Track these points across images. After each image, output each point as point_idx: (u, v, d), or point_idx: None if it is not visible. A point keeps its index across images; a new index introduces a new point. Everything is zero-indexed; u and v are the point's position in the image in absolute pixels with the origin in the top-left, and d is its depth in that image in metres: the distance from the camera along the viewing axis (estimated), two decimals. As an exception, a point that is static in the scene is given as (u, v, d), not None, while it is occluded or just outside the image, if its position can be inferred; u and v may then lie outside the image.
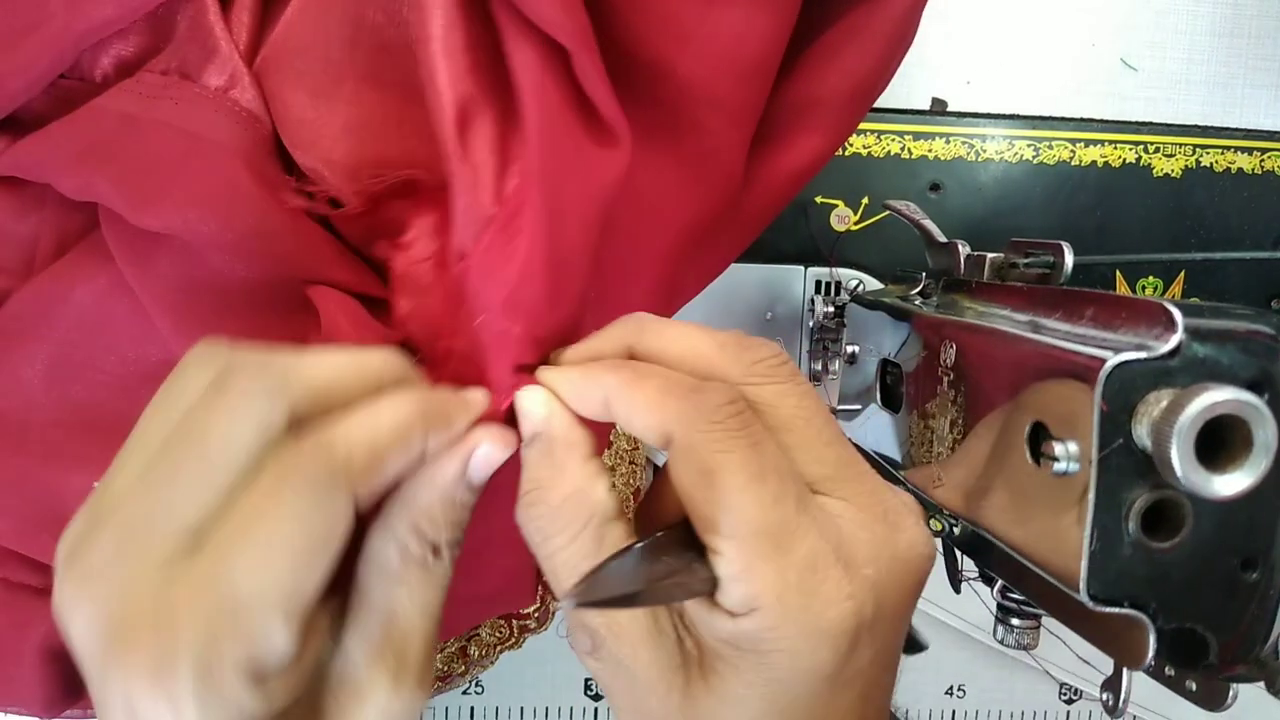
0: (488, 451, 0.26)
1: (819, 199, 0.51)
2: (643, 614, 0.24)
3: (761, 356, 0.25)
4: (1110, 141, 0.52)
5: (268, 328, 0.31)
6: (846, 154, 0.51)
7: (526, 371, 0.27)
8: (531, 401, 0.26)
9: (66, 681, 0.33)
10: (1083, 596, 0.23)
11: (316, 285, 0.31)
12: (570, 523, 0.25)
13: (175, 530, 0.21)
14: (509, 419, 0.27)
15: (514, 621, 0.47)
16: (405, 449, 0.24)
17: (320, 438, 0.22)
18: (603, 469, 0.26)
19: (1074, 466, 0.23)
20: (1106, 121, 0.52)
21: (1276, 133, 0.53)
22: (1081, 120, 0.52)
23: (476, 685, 0.53)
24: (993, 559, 0.32)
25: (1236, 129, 0.53)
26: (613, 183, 0.28)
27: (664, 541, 0.24)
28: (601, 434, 0.31)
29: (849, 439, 0.25)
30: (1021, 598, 0.33)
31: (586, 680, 0.53)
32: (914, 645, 0.27)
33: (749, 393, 0.24)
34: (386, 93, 0.32)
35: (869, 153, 0.51)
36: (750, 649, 0.23)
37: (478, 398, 0.26)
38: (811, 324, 0.50)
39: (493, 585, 0.26)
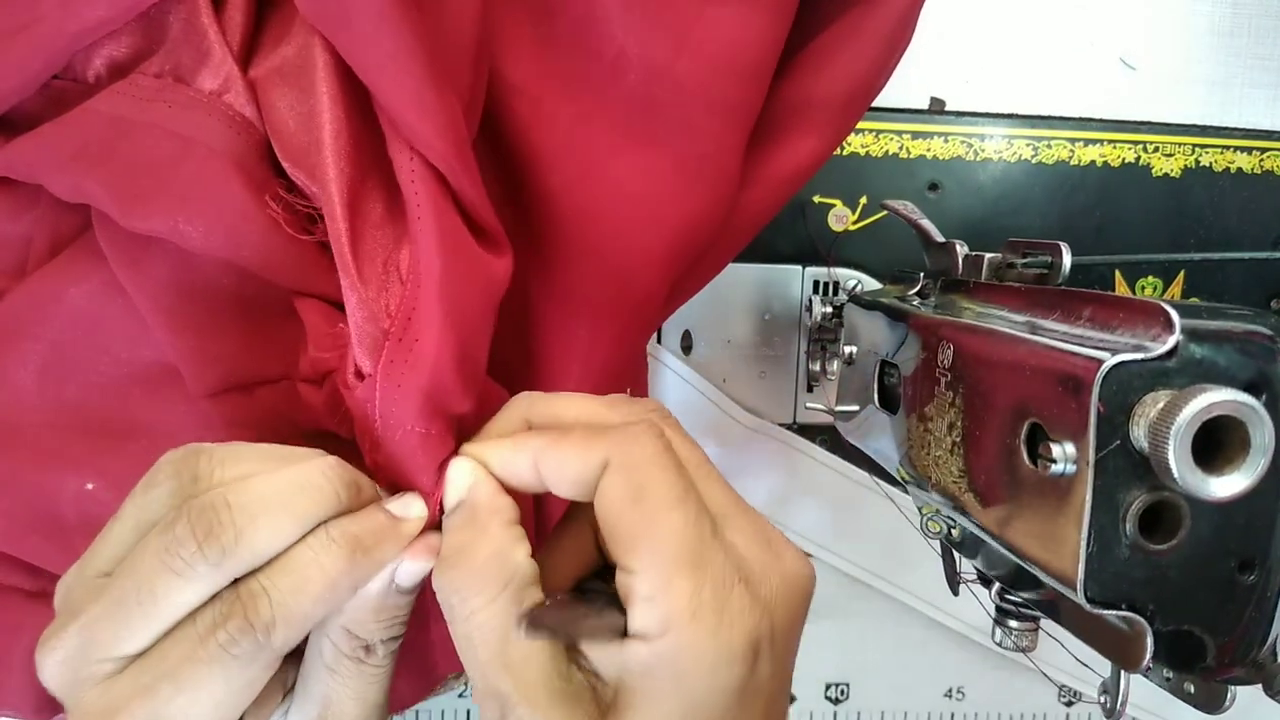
0: (412, 567, 0.26)
1: (817, 198, 0.51)
2: (554, 675, 0.25)
3: (651, 408, 0.27)
4: (1109, 141, 0.52)
5: (260, 332, 0.31)
6: (844, 153, 0.51)
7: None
8: (456, 471, 0.27)
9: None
10: (1080, 599, 0.23)
11: (303, 297, 0.30)
12: (489, 584, 0.25)
13: (116, 658, 0.24)
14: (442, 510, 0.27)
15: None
16: (332, 602, 0.25)
17: (249, 605, 0.24)
18: (524, 537, 0.26)
19: (1071, 468, 0.23)
20: (1105, 121, 0.52)
21: (1276, 132, 0.53)
22: (1080, 120, 0.52)
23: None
24: (990, 561, 0.32)
25: (1236, 128, 0.53)
26: (500, 284, 0.29)
27: (574, 595, 0.26)
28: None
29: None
30: (1020, 600, 0.33)
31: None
32: None
33: None
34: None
35: (867, 152, 0.51)
36: (666, 673, 0.23)
37: (412, 519, 0.27)
38: (809, 324, 0.50)
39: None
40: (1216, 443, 0.21)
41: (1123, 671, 0.27)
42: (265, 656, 0.24)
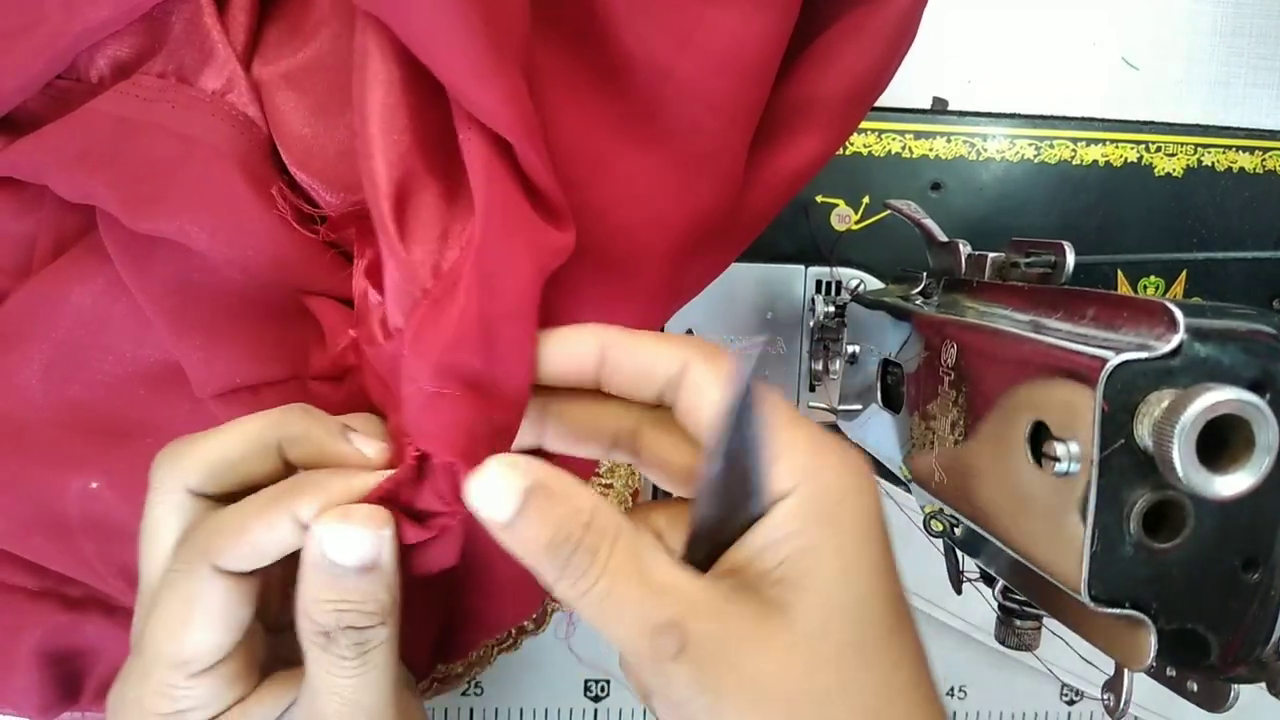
0: (342, 535, 0.24)
1: (819, 198, 0.51)
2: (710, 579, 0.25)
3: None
4: (1111, 141, 0.52)
5: (266, 332, 0.31)
6: (847, 153, 0.51)
7: (483, 439, 0.26)
8: (504, 474, 0.24)
9: (61, 685, 0.33)
10: (1084, 597, 0.23)
11: (314, 296, 0.31)
12: (602, 540, 0.24)
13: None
14: (448, 480, 0.26)
15: (511, 623, 0.47)
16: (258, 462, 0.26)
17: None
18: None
19: (1075, 467, 0.23)
20: (1108, 120, 0.52)
21: (1278, 132, 0.53)
22: (1083, 119, 0.52)
23: (475, 686, 0.53)
24: (994, 559, 0.32)
25: (1238, 128, 0.53)
26: (556, 255, 0.29)
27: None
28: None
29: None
30: (1023, 598, 0.33)
31: (586, 681, 0.53)
32: None
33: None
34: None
35: (869, 152, 0.51)
36: (822, 509, 0.24)
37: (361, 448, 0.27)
38: (812, 324, 0.50)
39: (500, 603, 0.27)
40: (1221, 441, 0.21)
41: (1126, 670, 0.27)
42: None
